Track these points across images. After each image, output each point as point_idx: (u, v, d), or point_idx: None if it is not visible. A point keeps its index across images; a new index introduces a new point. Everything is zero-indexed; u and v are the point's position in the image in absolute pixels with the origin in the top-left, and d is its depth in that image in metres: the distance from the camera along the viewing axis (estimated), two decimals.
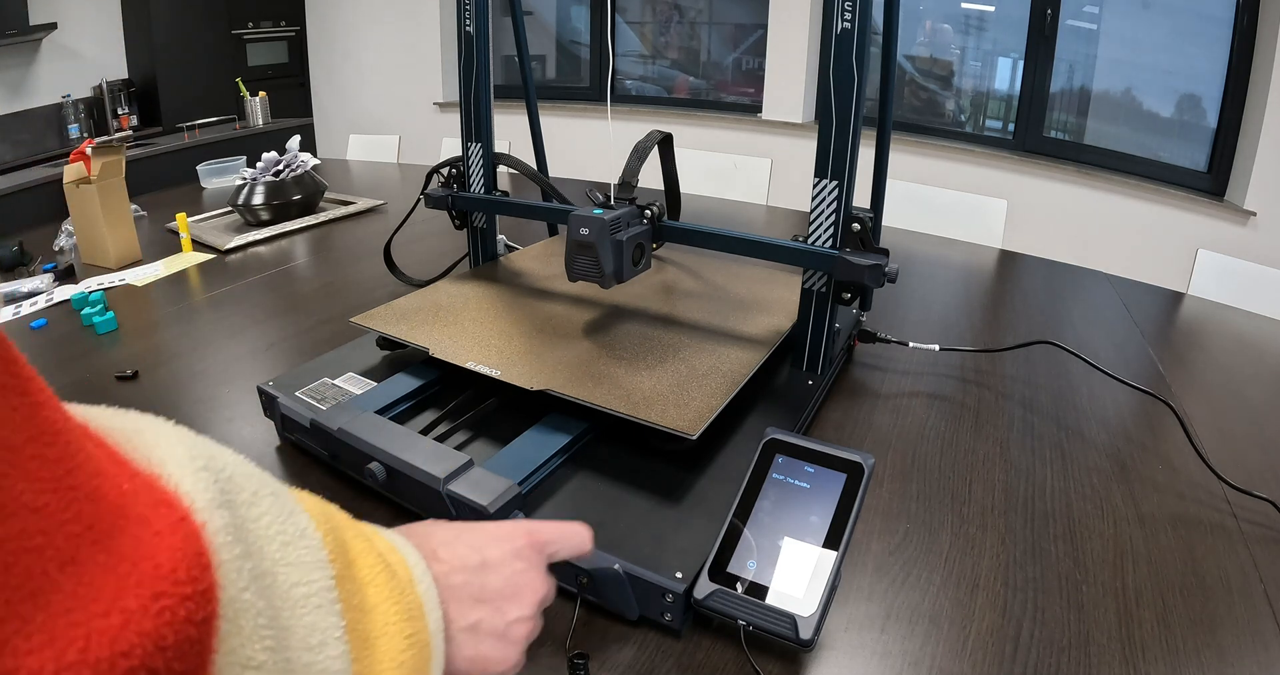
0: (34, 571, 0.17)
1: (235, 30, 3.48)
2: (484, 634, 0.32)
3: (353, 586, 0.27)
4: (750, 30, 3.10)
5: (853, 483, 0.45)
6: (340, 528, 0.28)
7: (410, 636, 0.28)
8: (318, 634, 0.24)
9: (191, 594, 0.20)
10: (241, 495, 0.24)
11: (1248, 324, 1.03)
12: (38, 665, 0.16)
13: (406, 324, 0.69)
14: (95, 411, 0.24)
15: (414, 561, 0.31)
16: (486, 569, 0.34)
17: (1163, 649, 0.45)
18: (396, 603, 0.28)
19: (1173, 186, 2.25)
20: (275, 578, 0.23)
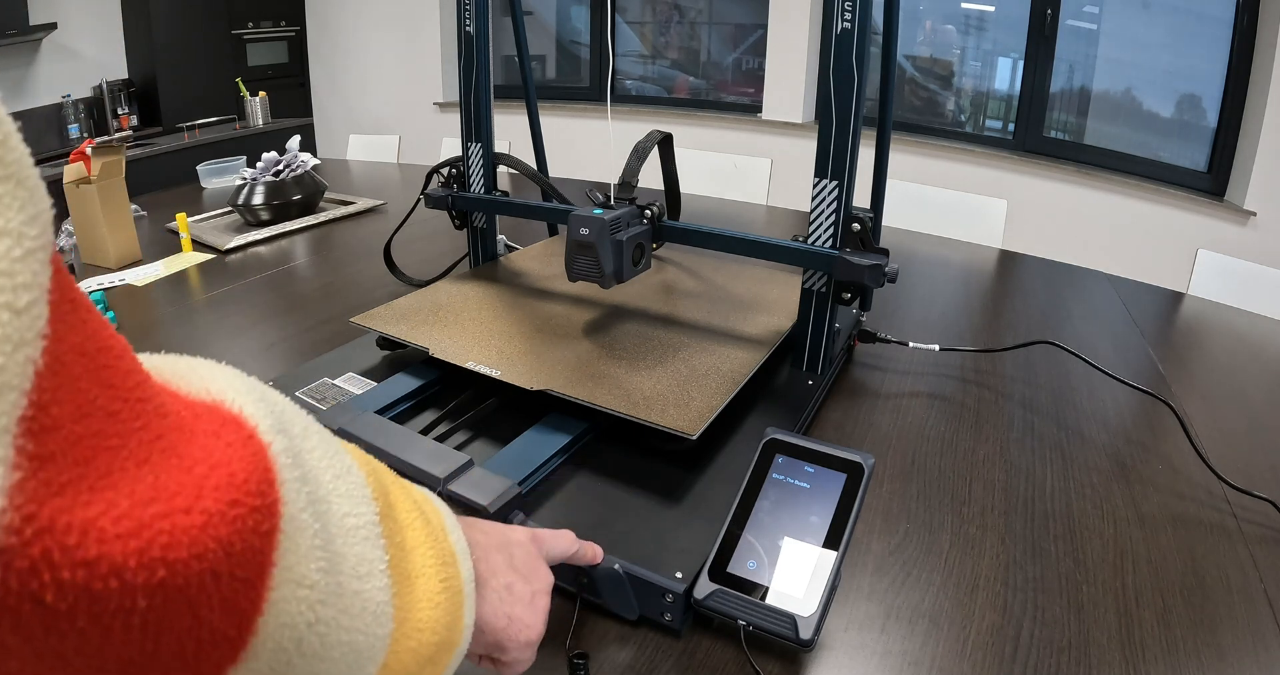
0: (114, 467, 0.18)
1: (235, 30, 3.48)
2: (516, 596, 0.35)
3: (394, 526, 0.28)
4: (750, 30, 3.10)
5: (853, 483, 0.45)
6: (380, 472, 0.30)
7: (445, 580, 0.29)
8: (365, 564, 0.25)
9: (260, 506, 0.20)
10: (294, 428, 0.24)
11: (1248, 324, 1.03)
12: (121, 555, 0.17)
13: (406, 324, 0.69)
14: (140, 356, 0.24)
15: (445, 513, 0.33)
16: (511, 545, 0.37)
17: (1163, 649, 0.45)
18: (432, 548, 0.29)
19: (1173, 186, 2.25)
20: (329, 505, 0.24)
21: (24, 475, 0.15)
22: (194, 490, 0.19)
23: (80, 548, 0.16)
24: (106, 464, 0.17)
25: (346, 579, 0.23)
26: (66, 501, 0.16)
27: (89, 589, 0.16)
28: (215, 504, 0.19)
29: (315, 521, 0.23)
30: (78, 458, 0.17)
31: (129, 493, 0.17)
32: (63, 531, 0.16)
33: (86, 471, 0.17)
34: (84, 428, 0.17)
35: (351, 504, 0.25)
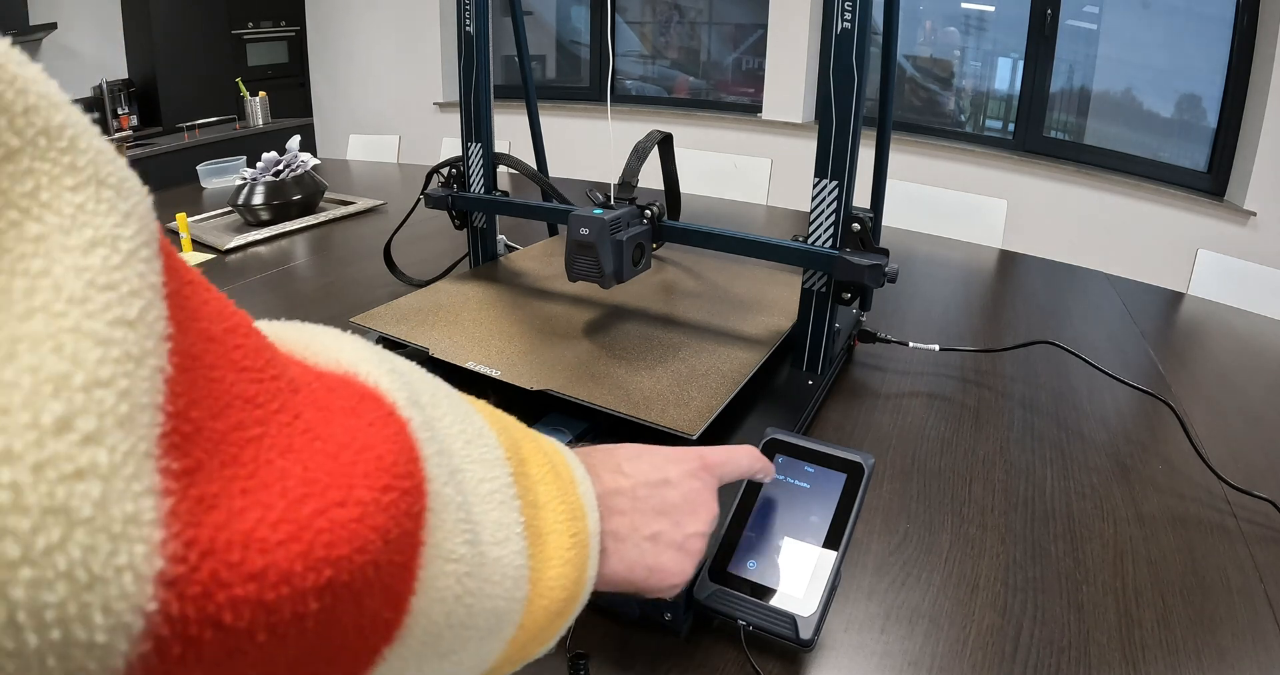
0: (259, 460, 0.17)
1: (235, 30, 3.48)
2: (664, 545, 0.33)
3: (527, 483, 0.27)
4: (750, 30, 3.10)
5: (853, 483, 0.45)
6: (510, 427, 0.29)
7: (574, 535, 0.28)
8: (503, 529, 0.24)
9: (410, 487, 0.20)
10: (423, 397, 0.24)
11: (1248, 324, 1.03)
12: (287, 561, 0.16)
13: (406, 324, 0.69)
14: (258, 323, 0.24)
15: (574, 464, 0.32)
16: (668, 485, 0.35)
17: (1163, 649, 0.45)
18: (563, 501, 0.29)
19: (1173, 186, 2.25)
20: (465, 473, 0.24)
21: (176, 499, 0.15)
22: (345, 480, 0.18)
23: (246, 561, 0.16)
24: (252, 459, 0.17)
25: (487, 547, 0.23)
26: (222, 515, 0.16)
27: (262, 601, 0.16)
28: (368, 492, 0.19)
29: (457, 494, 0.22)
30: (224, 459, 0.16)
31: (281, 491, 0.17)
32: (225, 548, 0.15)
33: (235, 472, 0.17)
34: (224, 422, 0.17)
35: (485, 468, 0.25)
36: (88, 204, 0.15)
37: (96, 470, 0.13)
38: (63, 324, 0.14)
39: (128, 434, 0.14)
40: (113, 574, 0.13)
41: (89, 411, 0.13)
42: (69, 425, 0.13)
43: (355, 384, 0.22)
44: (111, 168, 0.16)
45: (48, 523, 0.13)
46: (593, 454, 0.35)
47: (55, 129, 0.15)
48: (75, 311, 0.14)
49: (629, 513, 0.33)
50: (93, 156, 0.16)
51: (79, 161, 0.16)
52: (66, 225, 0.15)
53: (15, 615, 0.12)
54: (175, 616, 0.14)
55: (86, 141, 0.16)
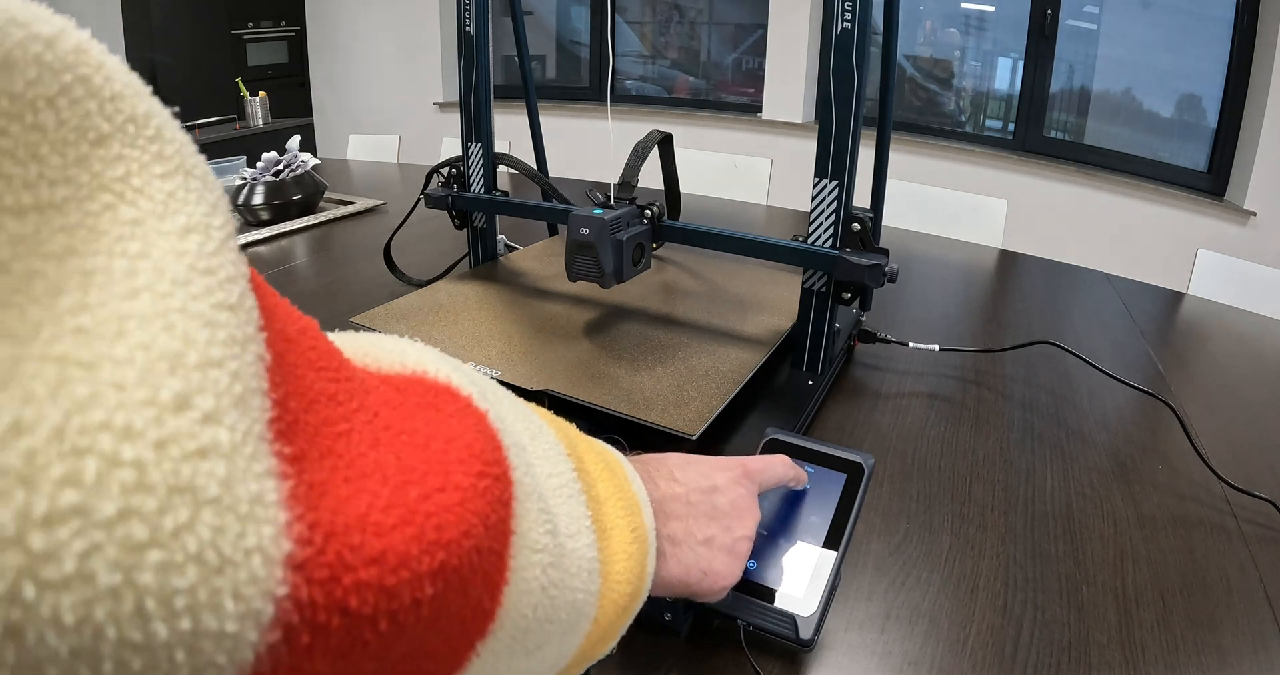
0: (352, 453, 0.17)
1: (235, 30, 3.48)
2: (716, 548, 0.34)
3: (589, 479, 0.27)
4: (750, 30, 3.10)
5: (853, 483, 0.45)
6: (563, 426, 0.30)
7: (634, 530, 0.29)
8: (575, 522, 0.24)
9: (500, 474, 0.20)
10: (489, 393, 0.24)
11: (1248, 324, 1.03)
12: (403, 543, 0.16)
13: (406, 324, 0.69)
14: None
15: (624, 462, 0.32)
16: (716, 491, 0.36)
17: (1163, 649, 0.45)
18: (620, 497, 0.29)
19: (1173, 186, 2.25)
20: (535, 467, 0.24)
21: (294, 482, 0.15)
22: (440, 467, 0.18)
23: (365, 545, 0.15)
24: (345, 450, 0.17)
25: (564, 538, 0.23)
26: (333, 500, 0.15)
27: (383, 586, 0.15)
28: (465, 478, 0.18)
29: (535, 484, 0.22)
30: (323, 450, 0.16)
31: (382, 479, 0.17)
32: (344, 531, 0.15)
33: (335, 462, 0.16)
34: (315, 417, 0.17)
35: (551, 464, 0.25)
36: (178, 192, 0.15)
37: (218, 449, 0.13)
38: (170, 304, 0.13)
39: (243, 415, 0.14)
40: (242, 557, 0.13)
41: (206, 390, 0.13)
42: (188, 402, 0.13)
43: (427, 380, 0.22)
44: (195, 159, 0.16)
45: (174, 502, 0.12)
46: (646, 461, 0.36)
47: (141, 117, 0.15)
48: (180, 292, 0.13)
49: (684, 518, 0.34)
50: (178, 147, 0.16)
51: (166, 150, 0.15)
52: (160, 211, 0.14)
53: (144, 603, 0.11)
54: (304, 602, 0.14)
55: (171, 132, 0.16)
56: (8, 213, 0.12)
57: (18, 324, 0.12)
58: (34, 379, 0.11)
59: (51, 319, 0.12)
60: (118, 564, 0.11)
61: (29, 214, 0.12)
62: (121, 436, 0.12)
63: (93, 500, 0.11)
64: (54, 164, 0.13)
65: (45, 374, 0.11)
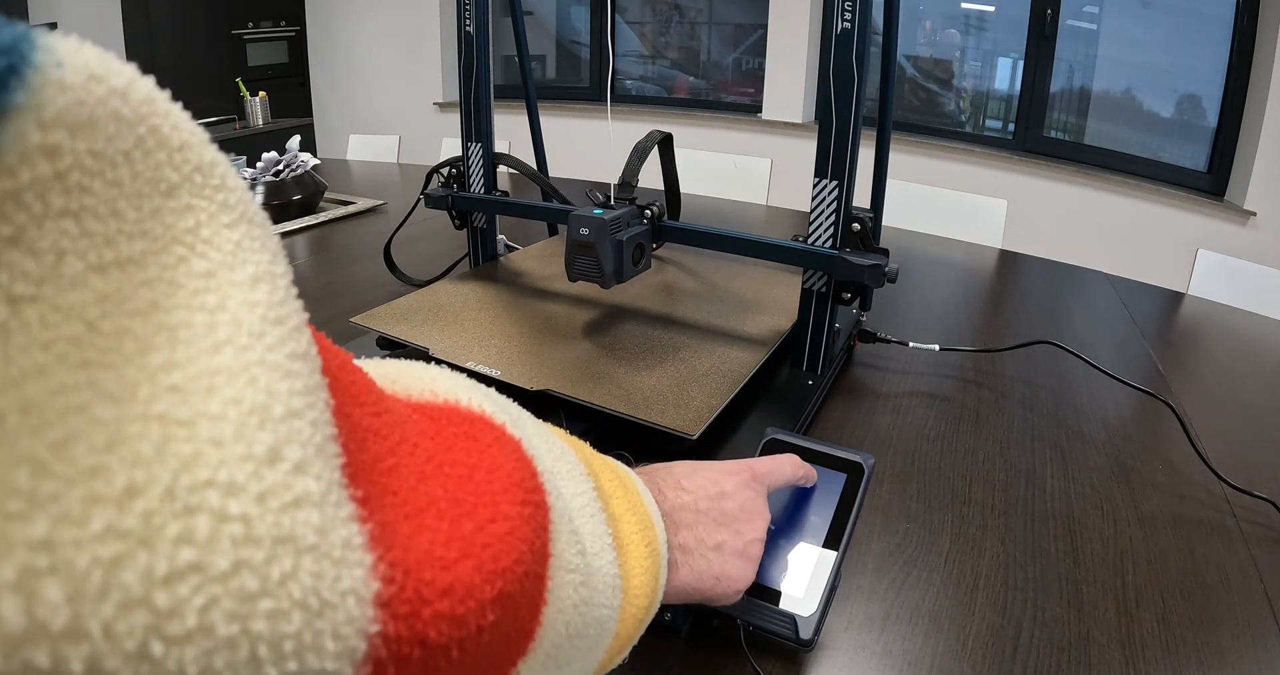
0: (404, 489, 0.17)
1: (235, 30, 3.48)
2: (728, 553, 0.35)
3: (605, 497, 0.28)
4: (750, 30, 3.10)
5: (853, 483, 0.45)
6: (579, 445, 0.30)
7: (648, 544, 0.29)
8: (598, 540, 0.25)
9: (539, 501, 0.21)
10: (517, 417, 0.25)
11: (1248, 324, 1.03)
12: (468, 575, 0.17)
13: (406, 324, 0.69)
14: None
15: (634, 477, 0.33)
16: (725, 497, 0.36)
17: (1163, 649, 0.45)
18: (634, 513, 0.30)
19: (1173, 186, 2.25)
20: (564, 489, 0.24)
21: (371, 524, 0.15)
22: (488, 498, 0.19)
23: (436, 579, 0.16)
24: (398, 487, 0.17)
25: (590, 557, 0.24)
26: (402, 538, 0.16)
27: (454, 616, 0.16)
28: (510, 507, 0.19)
29: (565, 506, 0.23)
30: (381, 488, 0.17)
31: (437, 514, 0.17)
32: (417, 567, 0.16)
33: (395, 501, 0.17)
34: (367, 455, 0.17)
35: (575, 483, 0.26)
36: (244, 241, 0.15)
37: (310, 498, 0.14)
38: (250, 357, 0.14)
39: (325, 463, 0.14)
40: (339, 599, 0.14)
41: (293, 440, 0.14)
42: (279, 455, 0.13)
43: (460, 410, 0.22)
44: (254, 207, 0.17)
45: (279, 552, 0.13)
46: (653, 473, 0.36)
47: (207, 166, 0.16)
48: (258, 345, 0.14)
49: (694, 526, 0.34)
50: (240, 195, 0.16)
51: (230, 199, 0.16)
52: (229, 261, 0.15)
53: (257, 649, 0.12)
54: (390, 637, 0.15)
55: (233, 180, 0.16)
56: (93, 270, 0.12)
57: (116, 385, 0.12)
58: (140, 440, 0.12)
59: (146, 378, 0.12)
60: (234, 615, 0.12)
61: (111, 270, 0.13)
62: (227, 492, 0.12)
63: (208, 556, 0.12)
64: (130, 218, 0.13)
65: (150, 434, 0.12)
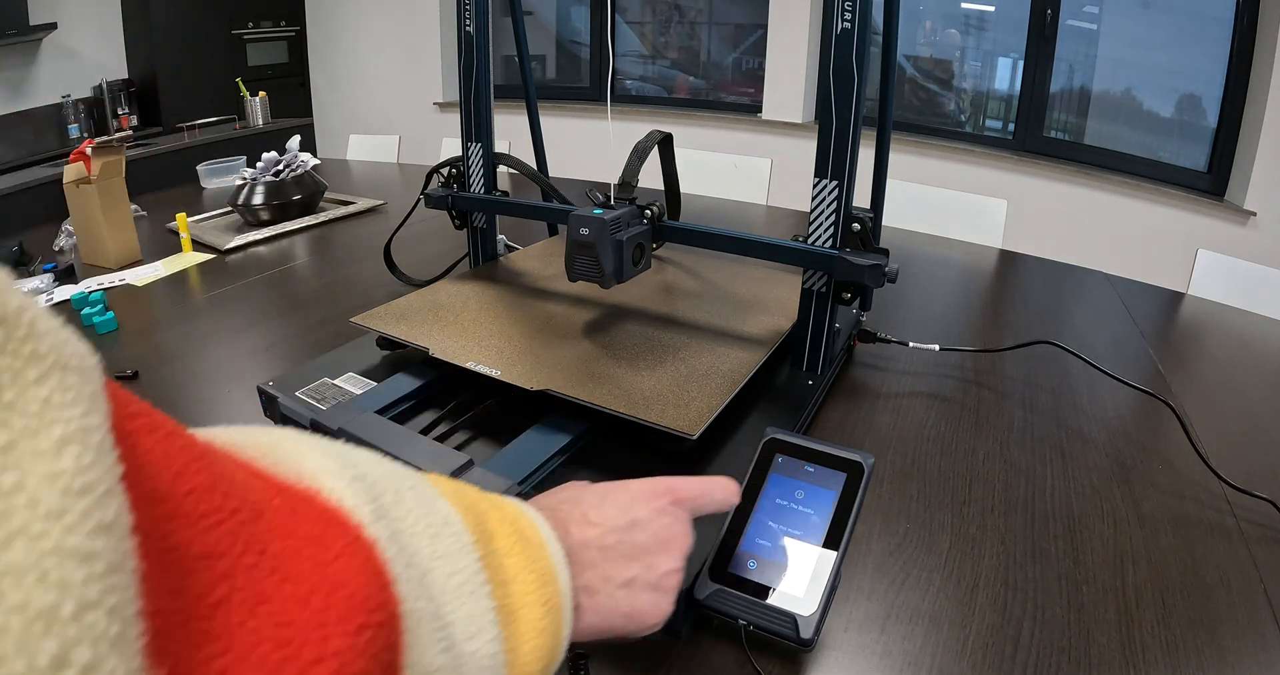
0: (232, 625, 0.17)
1: (235, 30, 3.48)
2: (639, 588, 0.33)
3: (495, 562, 0.27)
4: (750, 30, 3.10)
5: (853, 482, 0.45)
6: (474, 503, 0.29)
7: (546, 602, 0.28)
8: (475, 622, 0.24)
9: (384, 619, 0.20)
10: (387, 496, 0.24)
11: (1248, 324, 1.03)
12: None
13: (406, 324, 0.69)
14: (213, 431, 0.23)
15: (540, 523, 0.31)
16: (636, 527, 0.34)
17: (1163, 649, 0.45)
18: (532, 570, 0.28)
19: (1173, 186, 2.25)
20: (433, 575, 0.23)
21: None
22: (319, 632, 0.18)
23: None
24: (223, 627, 0.17)
25: (461, 645, 0.23)
26: None
27: None
28: (344, 639, 0.18)
29: (430, 603, 0.22)
30: (196, 639, 0.16)
31: (259, 663, 0.16)
32: None
33: (210, 651, 0.16)
34: (189, 595, 0.16)
35: (453, 561, 0.24)
36: (54, 396, 0.14)
37: None
38: (44, 546, 0.13)
39: (121, 655, 0.14)
40: None
41: (83, 640, 0.13)
42: (66, 661, 0.13)
43: (318, 504, 0.21)
44: (70, 347, 0.15)
45: None
46: (558, 507, 0.34)
47: (12, 316, 0.14)
48: (55, 528, 0.13)
49: (599, 564, 0.32)
50: (52, 339, 0.15)
51: (41, 347, 0.14)
52: (34, 426, 0.14)
53: None
54: None
55: (44, 323, 0.15)
56: None
57: None
58: None
59: None
60: None
61: None
62: None
63: None
64: None
65: None
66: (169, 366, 0.81)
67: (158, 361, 0.82)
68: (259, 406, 0.67)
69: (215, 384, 0.77)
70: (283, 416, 0.62)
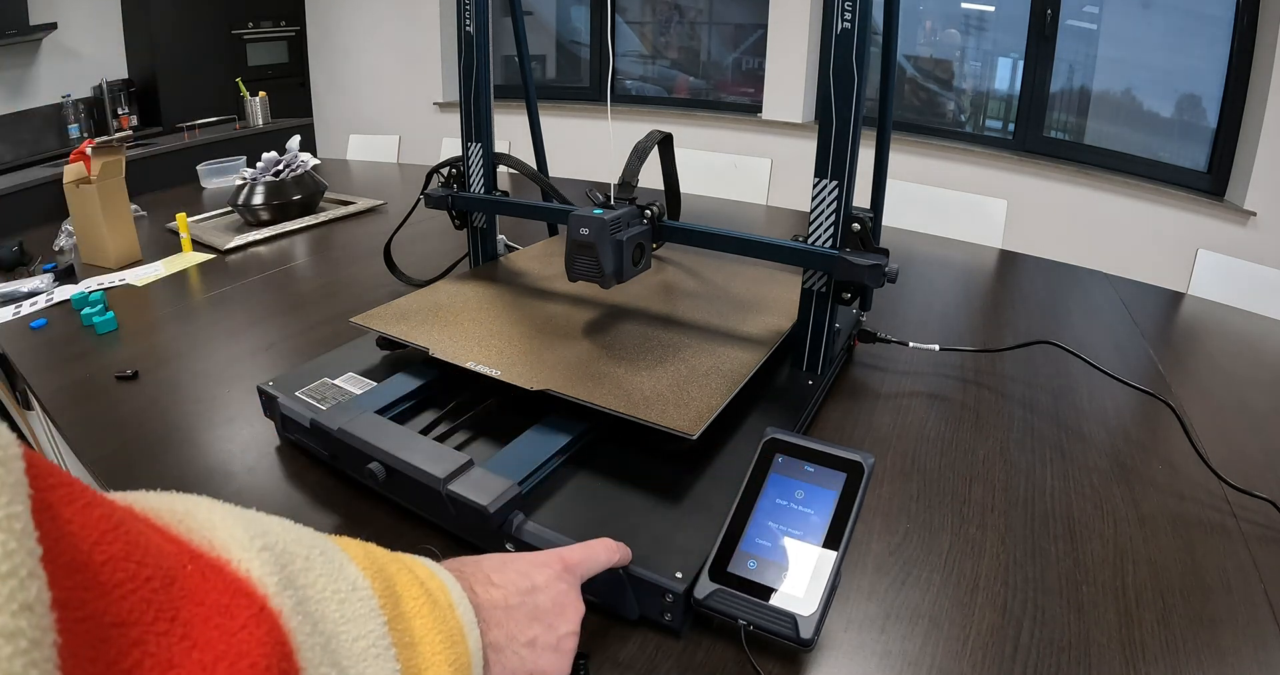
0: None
1: (235, 30, 3.48)
2: (540, 648, 0.35)
3: (403, 625, 0.28)
4: (750, 30, 3.10)
5: (853, 482, 0.45)
6: (384, 566, 0.30)
7: (453, 662, 0.29)
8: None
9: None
10: (296, 563, 0.25)
11: (1248, 324, 1.03)
12: None
13: (406, 324, 0.69)
14: (133, 496, 0.24)
15: (450, 585, 0.32)
16: (536, 591, 0.36)
17: (1163, 649, 0.45)
18: (439, 631, 0.29)
19: (1173, 186, 2.25)
20: (338, 639, 0.24)
21: None
22: None
23: None
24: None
25: None
26: None
27: None
28: None
29: (332, 669, 0.23)
30: None
31: None
32: None
33: None
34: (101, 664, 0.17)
35: (359, 625, 0.25)
36: None
37: None
38: None
39: None
40: None
41: None
42: None
43: (227, 573, 0.22)
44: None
45: None
46: (462, 568, 0.35)
47: None
48: None
49: (504, 623, 0.34)
50: None
51: None
52: None
53: None
54: None
55: None
56: None
57: None
58: None
59: None
60: None
61: None
62: None
63: None
64: None
65: None
66: (169, 366, 0.81)
67: (158, 361, 0.82)
68: (259, 406, 0.67)
69: (215, 384, 0.77)
70: (283, 417, 0.62)
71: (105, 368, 0.80)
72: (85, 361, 0.82)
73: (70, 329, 0.91)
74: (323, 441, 0.58)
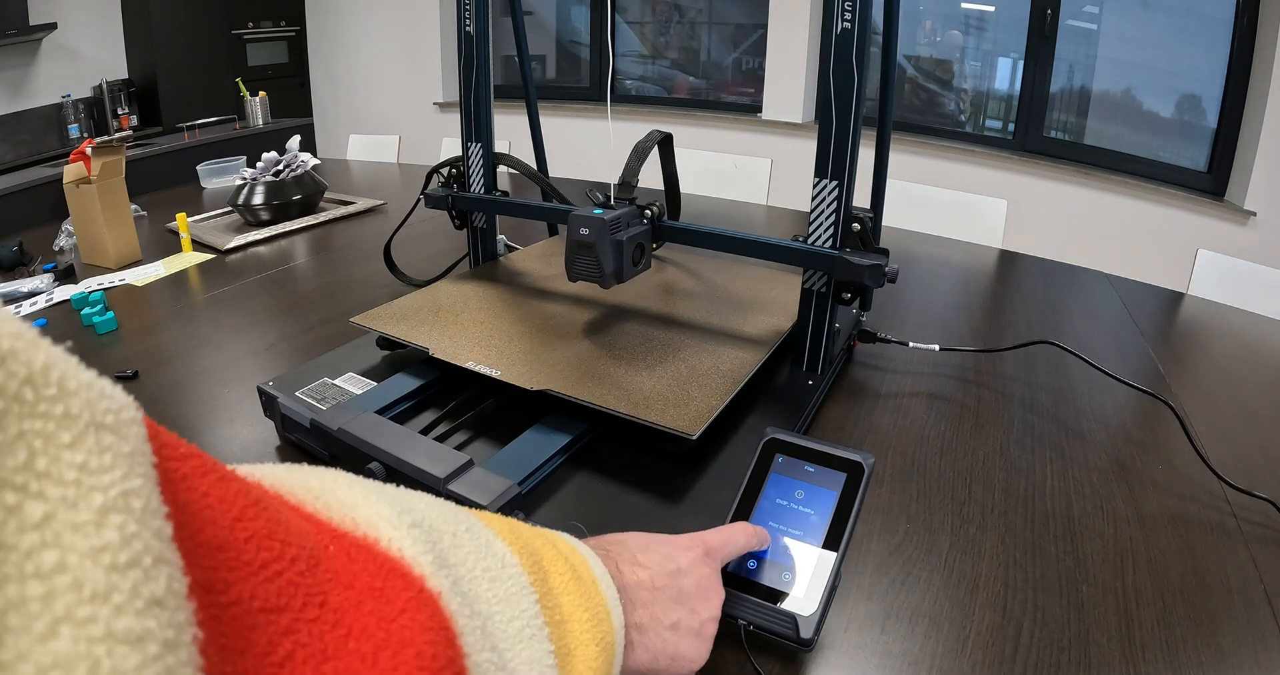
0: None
1: (235, 30, 3.48)
2: (683, 632, 0.34)
3: (552, 603, 0.27)
4: (750, 30, 3.10)
5: (853, 482, 0.45)
6: (529, 541, 0.28)
7: (600, 640, 0.28)
8: (535, 666, 0.24)
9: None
10: (445, 541, 0.23)
11: (1248, 324, 1.03)
12: None
13: (406, 324, 0.69)
14: (261, 470, 0.23)
15: (592, 561, 0.32)
16: (681, 573, 0.35)
17: (1163, 649, 0.45)
18: (586, 608, 0.28)
19: (1173, 186, 2.25)
20: (493, 620, 0.23)
21: None
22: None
23: None
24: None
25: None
26: None
27: None
28: None
29: (493, 653, 0.22)
30: None
31: None
32: None
33: None
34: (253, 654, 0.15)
35: (512, 605, 0.24)
36: (90, 461, 0.13)
37: None
38: (92, 632, 0.12)
39: None
40: None
41: None
42: None
43: (378, 553, 0.21)
44: (105, 402, 0.15)
45: None
46: (608, 545, 0.35)
47: (39, 374, 0.13)
48: (103, 611, 0.12)
49: (650, 604, 0.33)
50: (85, 396, 0.14)
51: (73, 407, 0.13)
52: (71, 496, 0.13)
53: None
54: None
55: (75, 380, 0.14)
56: None
57: None
58: None
59: None
60: None
61: None
62: None
63: None
64: None
65: None
66: (169, 366, 0.81)
67: (158, 361, 0.82)
68: (259, 406, 0.67)
69: (215, 384, 0.77)
70: (283, 417, 0.62)
71: (105, 368, 0.80)
72: (85, 361, 0.81)
73: (70, 329, 0.91)
74: (323, 441, 0.58)
